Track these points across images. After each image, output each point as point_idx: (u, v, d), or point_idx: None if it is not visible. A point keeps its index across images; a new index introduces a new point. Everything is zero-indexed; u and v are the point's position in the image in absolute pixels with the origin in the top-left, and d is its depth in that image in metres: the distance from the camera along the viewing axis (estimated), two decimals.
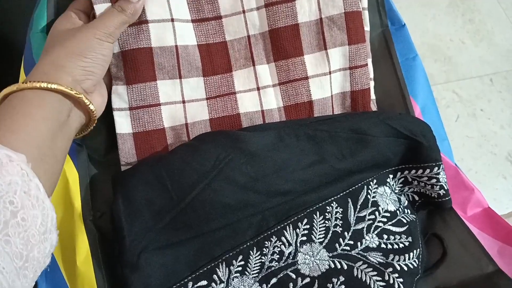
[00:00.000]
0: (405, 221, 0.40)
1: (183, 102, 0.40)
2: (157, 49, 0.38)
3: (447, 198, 0.41)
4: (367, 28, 0.44)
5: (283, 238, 0.36)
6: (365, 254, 0.37)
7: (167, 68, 0.38)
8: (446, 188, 0.41)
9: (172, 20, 0.39)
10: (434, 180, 0.41)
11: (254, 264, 0.35)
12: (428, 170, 0.41)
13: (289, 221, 0.37)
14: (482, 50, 1.09)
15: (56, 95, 0.32)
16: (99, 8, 0.36)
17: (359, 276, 0.36)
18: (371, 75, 0.45)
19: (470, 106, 1.01)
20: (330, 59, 0.41)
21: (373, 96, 0.45)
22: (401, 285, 0.36)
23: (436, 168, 0.41)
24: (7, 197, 0.23)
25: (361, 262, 0.37)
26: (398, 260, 0.37)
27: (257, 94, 0.41)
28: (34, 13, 0.39)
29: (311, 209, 0.38)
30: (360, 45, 0.41)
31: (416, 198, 0.43)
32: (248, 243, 0.36)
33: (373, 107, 0.44)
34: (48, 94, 0.31)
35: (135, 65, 0.37)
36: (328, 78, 0.41)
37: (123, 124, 0.38)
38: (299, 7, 0.40)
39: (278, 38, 0.41)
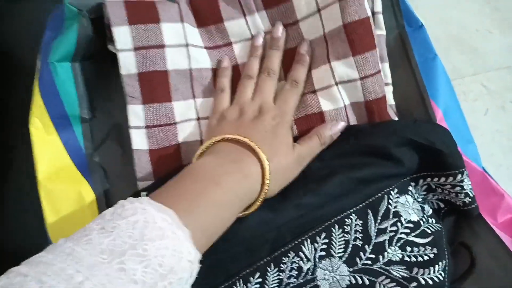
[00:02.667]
0: (429, 231, 0.39)
1: (198, 119, 0.41)
2: (172, 72, 0.39)
3: (473, 206, 0.39)
4: (382, 31, 0.43)
5: (301, 253, 0.36)
6: (388, 268, 0.36)
7: (181, 90, 0.40)
8: (471, 195, 0.39)
9: (187, 45, 0.40)
10: (458, 188, 0.39)
11: (272, 281, 0.35)
12: (451, 178, 0.39)
13: (306, 236, 0.36)
14: (510, 39, 1.04)
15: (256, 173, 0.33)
16: (117, 31, 0.38)
17: None
18: (389, 80, 0.43)
19: (499, 99, 0.97)
20: (334, 71, 0.40)
21: (391, 102, 0.43)
22: None
23: (460, 175, 0.39)
24: (157, 261, 0.24)
25: (383, 277, 0.35)
26: (423, 274, 0.36)
27: None
28: (53, 39, 0.39)
29: (329, 222, 0.37)
30: (368, 54, 0.40)
31: (442, 205, 0.41)
32: (265, 259, 0.35)
33: (392, 114, 0.42)
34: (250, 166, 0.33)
35: (152, 86, 0.38)
36: (336, 89, 0.40)
37: (139, 141, 0.39)
38: (304, 27, 0.42)
39: (288, 58, 0.42)
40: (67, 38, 0.38)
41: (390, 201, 0.38)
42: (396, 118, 0.43)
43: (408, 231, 0.38)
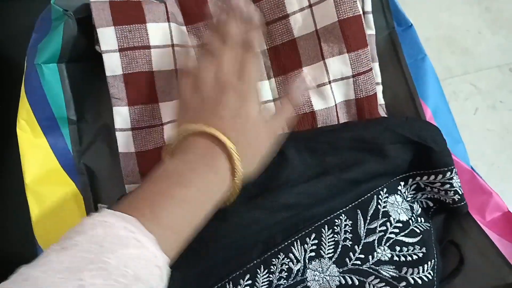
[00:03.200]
0: (418, 230, 0.39)
1: None
2: (158, 73, 0.39)
3: (462, 203, 0.40)
4: (372, 31, 0.43)
5: (290, 255, 0.35)
6: (377, 268, 0.36)
7: (167, 90, 0.39)
8: (460, 192, 0.39)
9: (173, 46, 0.40)
10: (447, 186, 0.39)
11: (262, 282, 0.35)
12: (440, 176, 0.39)
13: (296, 237, 0.36)
14: (500, 39, 1.04)
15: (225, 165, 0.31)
16: (102, 32, 0.37)
17: None
18: (379, 80, 0.43)
19: (490, 98, 0.98)
20: (328, 69, 0.40)
21: (381, 101, 0.43)
22: None
23: (449, 173, 0.39)
24: (120, 272, 0.23)
25: (373, 277, 0.35)
26: (412, 273, 0.36)
27: None
28: (38, 42, 0.39)
29: (319, 223, 0.37)
30: (361, 51, 0.40)
31: (431, 204, 0.41)
32: (255, 261, 0.35)
33: (382, 113, 0.43)
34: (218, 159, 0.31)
35: (137, 88, 0.38)
36: (329, 88, 0.40)
37: (125, 143, 0.38)
38: (293, 22, 0.41)
39: (277, 55, 0.42)
40: (53, 40, 0.38)
41: (379, 201, 0.39)
42: (385, 115, 0.43)
43: (397, 230, 0.38)
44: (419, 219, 0.40)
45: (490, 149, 0.92)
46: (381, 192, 0.39)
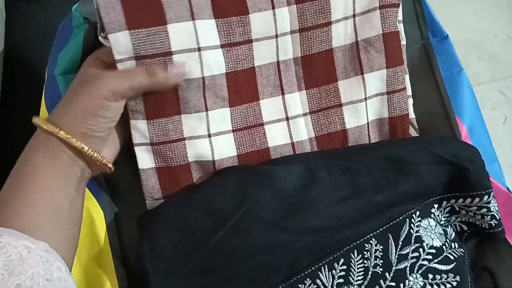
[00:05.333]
0: (452, 257, 0.37)
1: (209, 136, 0.37)
2: (182, 82, 0.35)
3: (499, 229, 0.37)
4: (403, 41, 0.41)
5: (317, 281, 0.34)
6: None
7: (193, 102, 0.36)
8: (498, 217, 0.37)
9: (199, 49, 0.35)
10: (484, 210, 0.37)
11: None
12: (477, 199, 0.37)
13: (324, 261, 0.34)
14: None
15: (64, 149, 0.32)
16: (115, 39, 0.32)
17: None
18: (409, 92, 0.41)
19: None
20: (366, 85, 0.38)
21: (412, 115, 0.41)
22: None
23: (486, 196, 0.37)
24: None
25: None
26: None
27: (286, 125, 0.39)
28: (59, 51, 0.38)
29: (348, 247, 0.35)
30: (398, 68, 0.38)
31: (465, 228, 0.39)
32: (280, 286, 0.33)
33: (413, 129, 0.40)
34: (63, 149, 0.31)
35: (157, 100, 0.35)
36: (364, 105, 0.38)
37: (145, 159, 0.36)
38: (335, 31, 0.37)
39: (311, 65, 0.38)
40: (72, 49, 0.37)
41: (412, 225, 0.37)
42: (417, 134, 0.41)
43: (430, 257, 0.36)
44: (453, 244, 0.38)
45: None
46: (413, 215, 0.37)
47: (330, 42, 0.38)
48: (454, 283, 0.36)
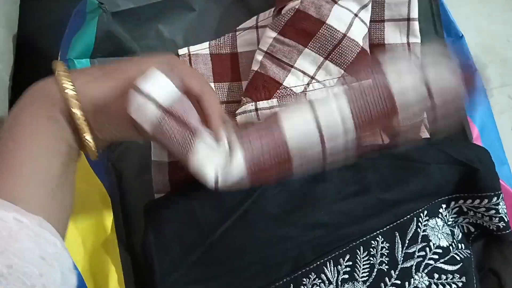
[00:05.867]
0: (459, 258, 0.36)
1: None
2: None
3: (507, 231, 0.37)
4: (417, 39, 0.41)
5: (322, 276, 0.34)
6: None
7: None
8: (506, 220, 0.37)
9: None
10: (492, 211, 0.36)
11: None
12: (486, 200, 0.37)
13: (329, 256, 0.34)
14: None
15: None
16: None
17: None
18: None
19: None
20: None
21: (424, 115, 0.41)
22: None
23: (495, 198, 0.36)
24: (22, 270, 0.21)
25: None
26: None
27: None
28: (73, 36, 0.38)
29: (354, 243, 0.34)
30: None
31: (472, 229, 0.38)
32: (285, 279, 0.33)
33: (424, 129, 0.40)
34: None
35: None
36: None
37: (159, 152, 0.36)
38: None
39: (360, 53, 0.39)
40: (86, 34, 0.37)
41: (419, 224, 0.36)
42: (428, 135, 0.41)
43: (436, 257, 0.36)
44: (459, 245, 0.37)
45: None
46: (421, 214, 0.36)
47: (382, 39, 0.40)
48: (460, 284, 0.35)
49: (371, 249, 0.35)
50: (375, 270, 0.34)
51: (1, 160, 0.25)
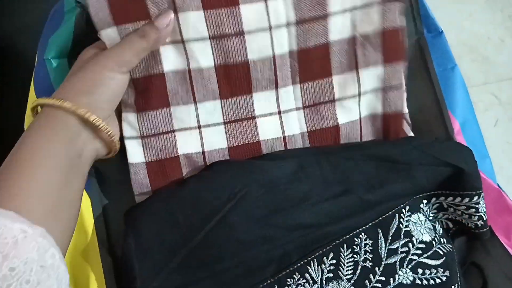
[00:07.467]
0: (441, 252, 0.37)
1: (199, 127, 0.37)
2: (169, 74, 0.35)
3: (485, 230, 0.37)
4: None
5: (307, 275, 0.33)
6: None
7: (180, 94, 0.36)
8: (484, 218, 0.37)
9: (183, 41, 0.35)
10: (472, 210, 0.37)
11: None
12: (467, 199, 0.37)
13: (313, 256, 0.34)
14: None
15: (67, 122, 0.30)
16: (106, 35, 0.34)
17: None
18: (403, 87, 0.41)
19: (511, 109, 0.95)
20: (361, 81, 0.38)
21: (405, 110, 0.41)
22: None
23: (476, 197, 0.36)
24: (24, 277, 0.23)
25: None
26: None
27: (279, 119, 0.38)
28: (50, 35, 0.37)
29: (338, 241, 0.34)
30: (397, 65, 0.37)
31: (450, 225, 0.39)
32: (269, 281, 0.33)
33: (407, 128, 0.40)
34: (57, 121, 0.30)
35: (147, 93, 0.35)
36: (357, 101, 0.38)
37: (135, 153, 0.36)
38: (332, 24, 0.36)
39: (307, 59, 0.37)
40: (64, 33, 0.36)
41: (401, 219, 0.36)
42: (411, 134, 0.41)
43: (420, 252, 0.36)
44: (442, 239, 0.37)
45: (508, 163, 0.89)
46: (403, 210, 0.37)
47: (327, 36, 0.37)
48: (444, 278, 0.35)
49: (355, 247, 0.35)
50: (359, 267, 0.34)
51: (9, 174, 0.28)
